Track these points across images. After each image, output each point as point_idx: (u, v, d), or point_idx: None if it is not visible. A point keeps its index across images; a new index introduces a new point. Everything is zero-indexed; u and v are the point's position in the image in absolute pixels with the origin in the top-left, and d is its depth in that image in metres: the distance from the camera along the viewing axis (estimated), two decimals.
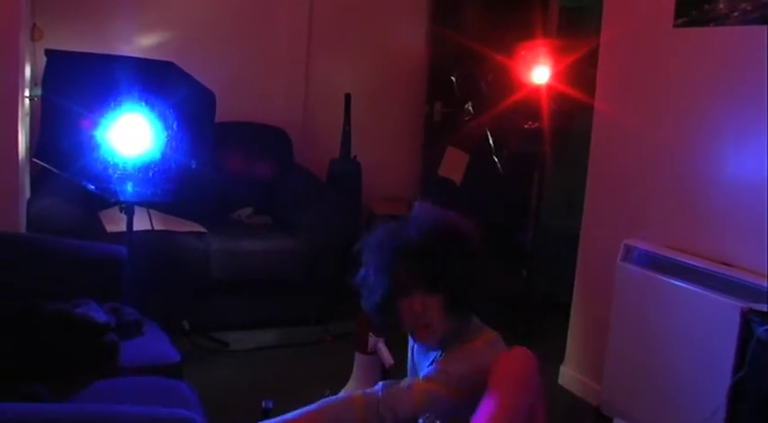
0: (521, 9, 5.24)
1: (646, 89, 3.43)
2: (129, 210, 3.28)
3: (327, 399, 2.02)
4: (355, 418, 1.96)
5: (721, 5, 3.01)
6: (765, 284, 2.75)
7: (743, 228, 2.96)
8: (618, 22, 3.58)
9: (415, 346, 2.27)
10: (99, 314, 2.64)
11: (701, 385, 2.90)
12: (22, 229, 3.50)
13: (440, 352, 2.10)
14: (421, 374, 2.06)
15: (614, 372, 3.41)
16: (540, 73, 4.06)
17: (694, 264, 3.04)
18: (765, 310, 2.66)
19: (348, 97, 5.10)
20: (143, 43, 4.84)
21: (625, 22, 3.54)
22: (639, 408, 3.19)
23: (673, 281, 3.09)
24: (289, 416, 1.96)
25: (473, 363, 1.99)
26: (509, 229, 5.15)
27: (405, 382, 2.01)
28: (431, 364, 2.09)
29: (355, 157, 5.11)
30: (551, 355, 3.88)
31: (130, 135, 3.12)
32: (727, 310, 2.80)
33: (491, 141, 4.73)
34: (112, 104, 3.08)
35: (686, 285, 3.03)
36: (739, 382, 2.70)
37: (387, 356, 3.31)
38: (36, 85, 3.97)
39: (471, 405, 1.94)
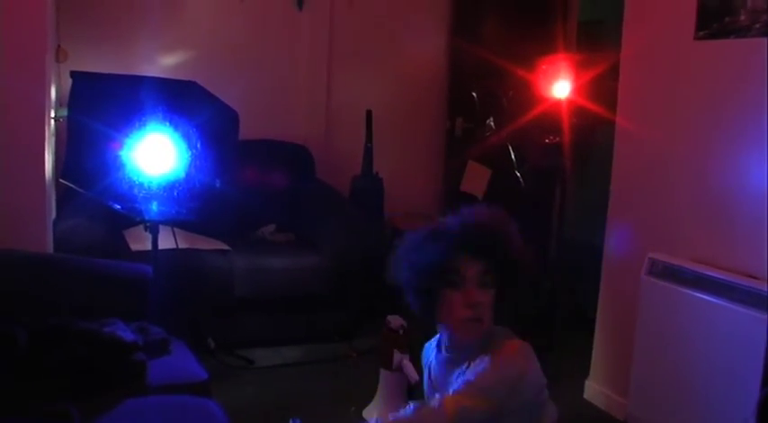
0: (540, 23, 5.26)
1: (668, 102, 3.42)
2: (153, 228, 3.30)
3: None
4: None
5: (743, 17, 3.01)
6: None
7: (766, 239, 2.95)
8: (638, 36, 3.58)
9: (433, 363, 2.22)
10: (126, 333, 2.66)
11: (729, 398, 2.88)
12: (49, 248, 3.53)
13: (466, 364, 2.04)
14: (450, 390, 1.98)
15: (640, 385, 3.39)
16: (560, 87, 4.06)
17: (719, 276, 3.03)
18: None
19: (369, 114, 5.12)
20: (166, 63, 4.89)
21: (646, 36, 3.54)
22: (666, 421, 3.17)
23: (698, 294, 3.08)
24: None
25: (502, 371, 1.95)
26: (532, 243, 5.12)
27: (434, 401, 1.95)
28: (459, 375, 2.03)
29: (377, 173, 5.13)
30: (576, 370, 3.87)
31: (155, 155, 3.14)
32: (754, 323, 2.78)
33: (513, 156, 4.73)
34: (137, 124, 3.11)
35: (711, 299, 3.01)
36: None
37: (412, 373, 3.31)
38: (61, 105, 4.01)
39: (509, 415, 1.93)
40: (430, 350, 2.28)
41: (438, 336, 2.22)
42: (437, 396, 1.98)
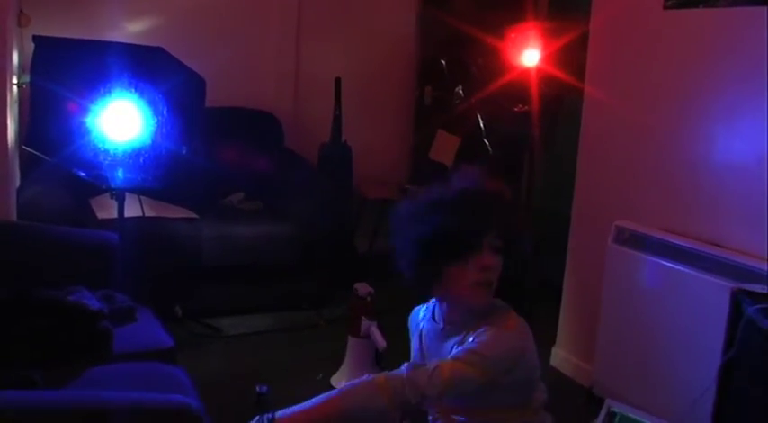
0: None
1: (636, 71, 3.43)
2: (119, 196, 3.27)
3: (349, 383, 1.92)
4: (382, 403, 1.85)
5: None
6: (755, 264, 2.77)
7: (733, 209, 2.98)
8: (608, 4, 3.58)
9: (425, 330, 2.17)
10: (92, 301, 2.65)
11: (692, 365, 2.92)
12: (13, 216, 3.49)
13: (464, 333, 2.00)
14: (449, 356, 1.94)
15: (606, 353, 3.43)
16: (529, 56, 4.05)
17: (684, 245, 3.06)
18: (755, 289, 2.67)
19: (338, 82, 5.08)
20: (132, 29, 4.81)
21: (615, 4, 3.54)
22: (631, 388, 3.21)
23: (663, 262, 3.11)
24: (309, 404, 1.86)
25: (507, 345, 1.92)
26: None
27: (432, 363, 1.91)
28: (455, 345, 1.99)
29: (346, 141, 5.10)
30: (544, 338, 3.87)
31: (120, 121, 3.11)
32: (718, 291, 2.81)
33: (482, 124, 4.73)
34: (102, 90, 3.08)
35: (676, 266, 3.04)
36: (729, 361, 2.72)
37: (379, 339, 3.33)
38: (24, 72, 3.95)
39: (499, 390, 1.92)
40: (419, 316, 2.24)
41: (430, 304, 2.18)
42: (436, 360, 1.94)
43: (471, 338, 1.95)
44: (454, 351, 1.96)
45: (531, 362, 1.99)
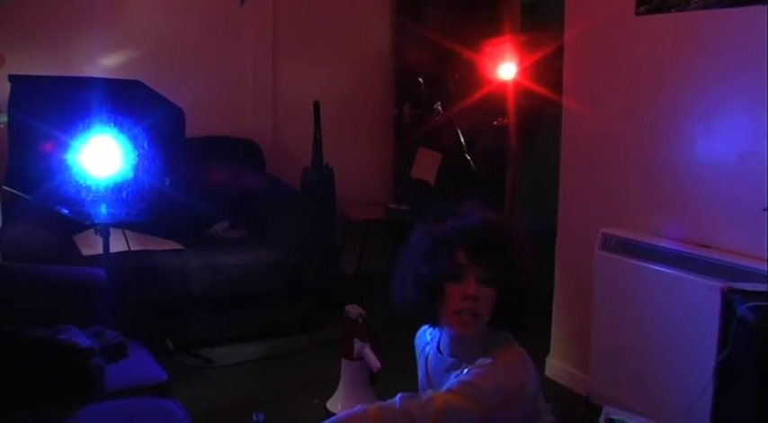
0: (483, 5, 5.25)
1: (612, 79, 3.46)
2: (104, 232, 3.25)
3: (342, 414, 1.92)
4: None
5: None
6: (743, 263, 2.78)
7: (717, 209, 3.00)
8: (581, 14, 3.61)
9: (432, 361, 2.17)
10: (82, 339, 2.62)
11: (687, 367, 2.93)
12: None
13: (463, 367, 1.99)
14: (444, 388, 1.94)
15: (600, 360, 3.43)
16: (506, 69, 4.08)
17: (672, 247, 3.07)
18: (745, 288, 2.68)
19: (317, 105, 5.09)
20: (108, 63, 4.79)
21: (588, 14, 3.57)
22: (628, 394, 3.21)
23: (652, 266, 3.12)
24: None
25: (503, 378, 1.91)
26: None
27: (426, 394, 1.92)
28: (455, 377, 1.99)
29: (328, 164, 5.11)
30: (536, 349, 3.88)
31: (101, 156, 3.09)
32: (708, 291, 2.83)
33: (462, 140, 4.74)
34: (81, 126, 3.05)
35: (666, 269, 3.06)
36: (724, 361, 2.72)
37: (373, 360, 3.31)
38: (0, 111, 3.93)
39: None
40: (425, 338, 2.23)
41: (436, 332, 2.17)
42: (430, 391, 1.95)
43: (466, 370, 1.95)
44: (452, 381, 1.96)
45: (529, 394, 1.96)
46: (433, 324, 2.11)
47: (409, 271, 2.04)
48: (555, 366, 3.87)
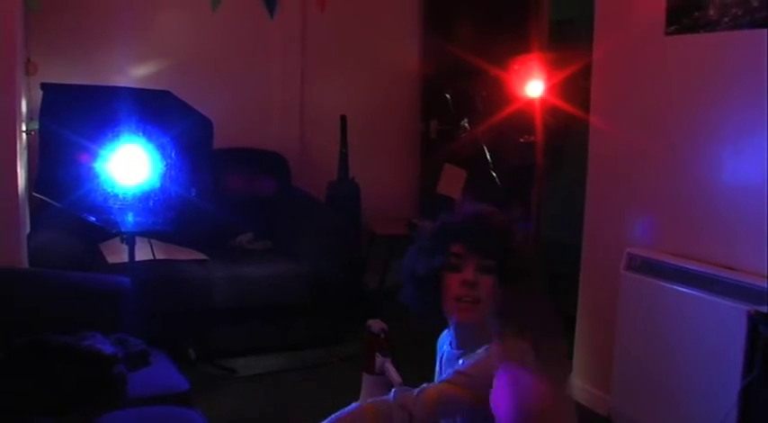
0: (512, 22, 5.26)
1: (640, 98, 3.44)
2: (130, 240, 3.28)
3: (338, 413, 1.98)
4: None
5: (711, 12, 3.03)
6: None
7: (744, 231, 2.97)
8: (610, 33, 3.60)
9: (445, 358, 2.19)
10: (106, 346, 2.64)
11: (711, 390, 2.90)
12: (24, 263, 3.49)
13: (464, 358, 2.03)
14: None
15: (623, 381, 3.40)
16: (533, 87, 4.07)
17: (698, 269, 3.04)
18: None
19: (344, 119, 5.11)
20: (138, 73, 4.85)
21: (617, 33, 3.56)
22: (650, 416, 3.18)
23: (677, 287, 3.09)
24: None
25: (491, 365, 1.90)
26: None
27: (418, 389, 1.96)
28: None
29: (353, 178, 5.12)
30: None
31: (129, 165, 3.12)
32: (734, 314, 2.80)
33: (488, 156, 4.74)
34: (110, 135, 3.09)
35: (691, 291, 3.03)
36: (749, 385, 2.70)
37: (394, 375, 3.29)
38: (32, 119, 3.98)
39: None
40: (444, 340, 2.26)
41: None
42: (424, 385, 1.97)
43: (462, 361, 2.00)
44: (447, 372, 2.01)
45: None
46: (441, 318, 2.13)
47: (412, 269, 2.08)
48: (577, 386, 3.83)
